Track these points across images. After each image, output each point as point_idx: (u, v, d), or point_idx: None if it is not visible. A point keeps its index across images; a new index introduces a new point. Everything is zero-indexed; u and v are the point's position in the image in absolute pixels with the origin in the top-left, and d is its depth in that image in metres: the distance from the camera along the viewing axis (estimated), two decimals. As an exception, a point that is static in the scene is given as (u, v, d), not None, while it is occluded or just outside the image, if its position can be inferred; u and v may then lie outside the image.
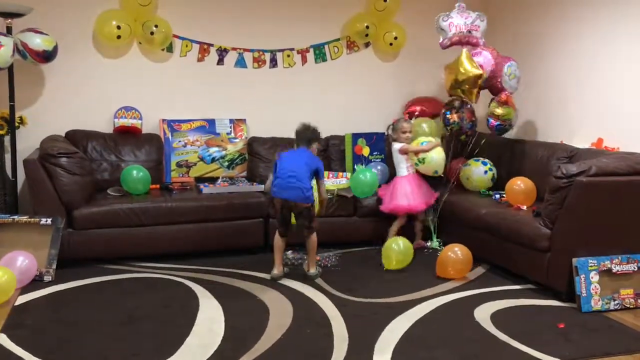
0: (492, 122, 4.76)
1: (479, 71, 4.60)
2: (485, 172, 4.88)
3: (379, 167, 4.99)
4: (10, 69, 4.40)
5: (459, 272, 4.03)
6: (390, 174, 4.95)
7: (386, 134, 5.14)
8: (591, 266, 3.51)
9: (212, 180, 4.94)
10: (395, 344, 3.00)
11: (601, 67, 4.56)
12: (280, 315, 3.35)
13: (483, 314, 3.43)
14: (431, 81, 5.71)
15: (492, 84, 4.75)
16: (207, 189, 4.63)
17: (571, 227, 3.59)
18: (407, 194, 4.57)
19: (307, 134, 4.11)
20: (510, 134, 5.35)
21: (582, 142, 4.58)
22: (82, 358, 2.79)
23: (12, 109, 4.50)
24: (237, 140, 5.16)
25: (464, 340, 3.08)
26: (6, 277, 3.46)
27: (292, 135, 5.29)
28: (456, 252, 4.05)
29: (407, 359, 2.86)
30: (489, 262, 4.30)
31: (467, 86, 4.64)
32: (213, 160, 5.08)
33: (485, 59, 4.70)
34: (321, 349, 2.93)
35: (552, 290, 3.71)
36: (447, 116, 4.83)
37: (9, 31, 4.32)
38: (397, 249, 4.18)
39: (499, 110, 4.70)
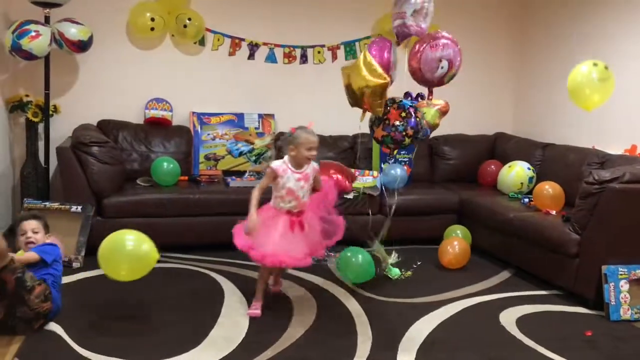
0: (431, 131, 4.13)
1: (384, 80, 3.69)
2: (529, 168, 4.81)
3: (398, 170, 4.74)
4: (47, 57, 4.47)
5: (457, 264, 4.22)
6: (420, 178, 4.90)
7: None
8: (621, 274, 3.45)
9: (240, 173, 4.97)
10: (419, 345, 2.99)
11: (636, 71, 4.48)
12: (304, 311, 3.36)
13: (508, 318, 3.39)
14: (464, 82, 5.66)
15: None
16: (234, 182, 4.66)
17: (601, 234, 3.53)
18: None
19: None
20: (541, 138, 5.30)
21: (615, 148, 4.50)
22: (108, 345, 2.83)
23: (47, 97, 4.58)
24: (264, 135, 5.18)
25: (488, 343, 3.05)
26: None
27: (320, 132, 5.32)
28: (454, 246, 4.23)
29: (431, 360, 2.85)
30: (515, 267, 4.26)
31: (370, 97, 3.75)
32: (240, 154, 5.10)
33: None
34: (345, 347, 2.93)
35: (580, 297, 3.66)
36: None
37: (46, 21, 4.40)
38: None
39: (439, 121, 4.05)
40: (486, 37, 5.80)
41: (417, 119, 3.90)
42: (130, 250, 2.99)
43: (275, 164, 3.32)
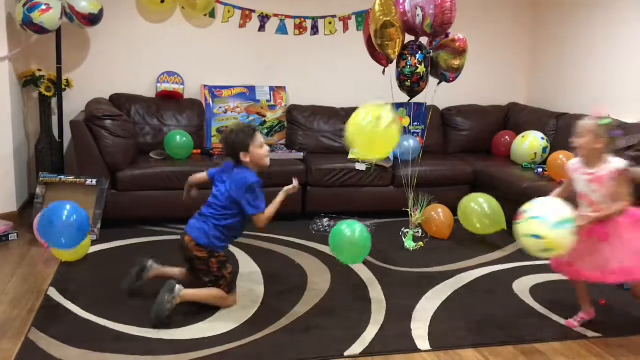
0: (451, 76, 4.05)
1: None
2: (543, 138, 4.77)
3: (410, 141, 4.72)
4: (58, 31, 4.47)
5: (440, 232, 4.23)
6: (434, 149, 4.83)
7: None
8: (636, 243, 3.43)
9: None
10: (433, 313, 3.01)
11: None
12: (318, 281, 3.39)
13: (522, 286, 3.41)
14: (477, 52, 5.60)
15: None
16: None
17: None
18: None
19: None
20: (554, 108, 5.24)
21: (630, 116, 4.45)
22: (124, 314, 2.88)
23: (59, 71, 4.59)
24: (276, 107, 5.16)
25: (502, 312, 3.07)
26: None
27: (332, 104, 5.32)
28: (439, 214, 4.23)
29: (445, 328, 2.87)
30: (528, 236, 4.25)
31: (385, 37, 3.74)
32: (252, 127, 5.10)
33: None
34: (359, 315, 2.97)
35: (594, 266, 3.65)
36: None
37: (57, -6, 4.38)
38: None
39: (457, 62, 3.95)
40: (499, 7, 5.71)
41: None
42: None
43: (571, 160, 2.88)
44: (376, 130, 3.08)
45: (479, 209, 4.09)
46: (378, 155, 3.60)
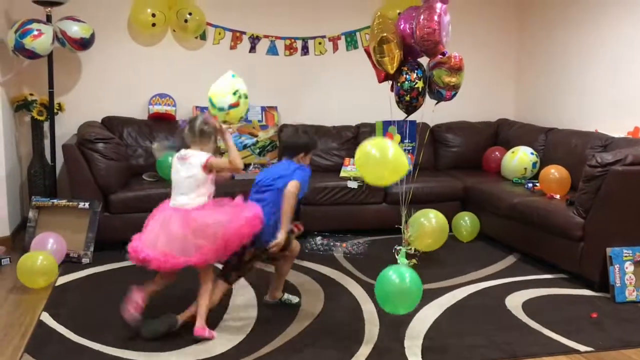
0: (447, 94, 3.96)
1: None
2: (532, 153, 4.83)
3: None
4: (50, 56, 4.50)
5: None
6: (424, 166, 4.90)
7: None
8: (626, 256, 3.47)
9: (244, 166, 4.98)
10: (426, 331, 3.02)
11: (637, 53, 4.47)
12: (311, 300, 3.40)
13: (514, 302, 3.42)
14: (465, 69, 5.66)
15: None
16: (238, 175, 4.68)
17: (605, 217, 3.55)
18: None
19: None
20: (543, 123, 5.30)
21: (617, 131, 4.51)
22: (119, 337, 2.88)
23: (51, 95, 4.62)
24: (268, 127, 5.20)
25: (495, 328, 3.08)
26: (46, 262, 3.57)
27: (323, 123, 5.37)
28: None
29: (438, 345, 2.88)
30: (520, 251, 4.28)
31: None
32: (244, 147, 5.13)
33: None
34: (352, 334, 2.97)
35: (585, 280, 3.68)
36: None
37: (48, 19, 4.42)
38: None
39: (453, 79, 3.88)
40: (486, 24, 5.79)
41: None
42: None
43: None
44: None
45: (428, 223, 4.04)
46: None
